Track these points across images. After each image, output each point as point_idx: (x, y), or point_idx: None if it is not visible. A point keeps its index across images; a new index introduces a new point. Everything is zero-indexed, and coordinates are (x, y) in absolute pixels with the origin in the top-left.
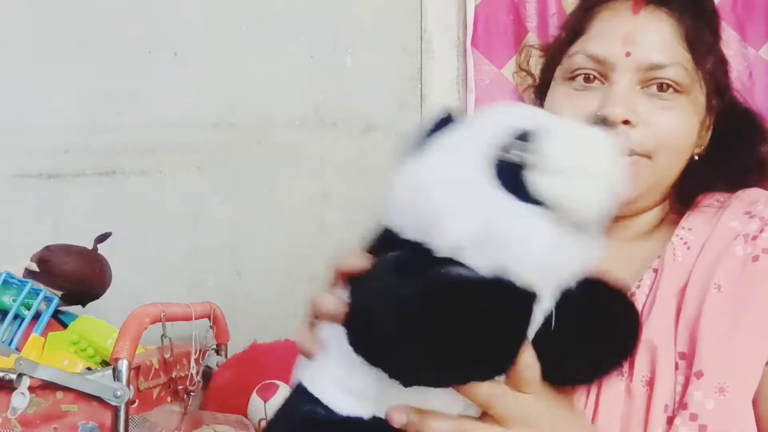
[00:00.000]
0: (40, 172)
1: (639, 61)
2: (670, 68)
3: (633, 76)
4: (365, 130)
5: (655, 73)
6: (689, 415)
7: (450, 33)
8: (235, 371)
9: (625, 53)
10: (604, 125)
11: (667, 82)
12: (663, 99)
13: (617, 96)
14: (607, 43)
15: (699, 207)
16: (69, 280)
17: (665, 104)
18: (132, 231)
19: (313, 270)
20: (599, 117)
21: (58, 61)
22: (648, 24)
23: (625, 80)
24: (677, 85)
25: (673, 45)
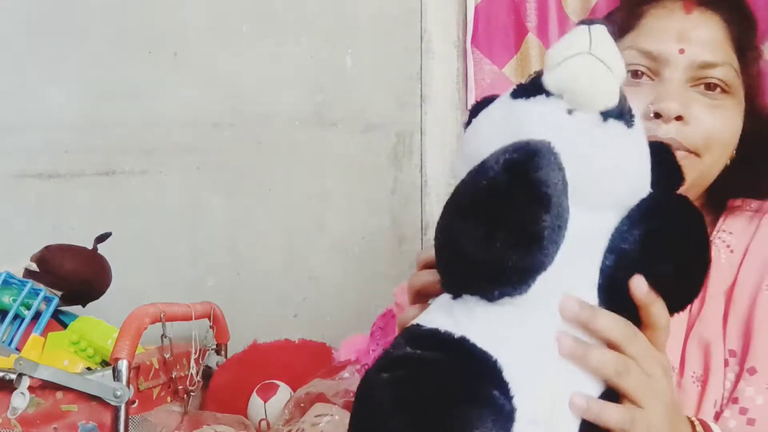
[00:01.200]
0: (40, 172)
1: (692, 59)
2: (720, 68)
3: (684, 74)
4: (365, 130)
5: (706, 72)
6: (739, 409)
7: (450, 33)
8: (235, 371)
9: (678, 50)
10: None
11: (716, 82)
12: (712, 98)
13: (671, 91)
14: (661, 40)
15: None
16: (69, 280)
17: (714, 103)
18: (132, 231)
19: (313, 270)
20: (653, 111)
21: (58, 61)
22: (701, 23)
23: (677, 76)
24: (725, 85)
25: (723, 46)
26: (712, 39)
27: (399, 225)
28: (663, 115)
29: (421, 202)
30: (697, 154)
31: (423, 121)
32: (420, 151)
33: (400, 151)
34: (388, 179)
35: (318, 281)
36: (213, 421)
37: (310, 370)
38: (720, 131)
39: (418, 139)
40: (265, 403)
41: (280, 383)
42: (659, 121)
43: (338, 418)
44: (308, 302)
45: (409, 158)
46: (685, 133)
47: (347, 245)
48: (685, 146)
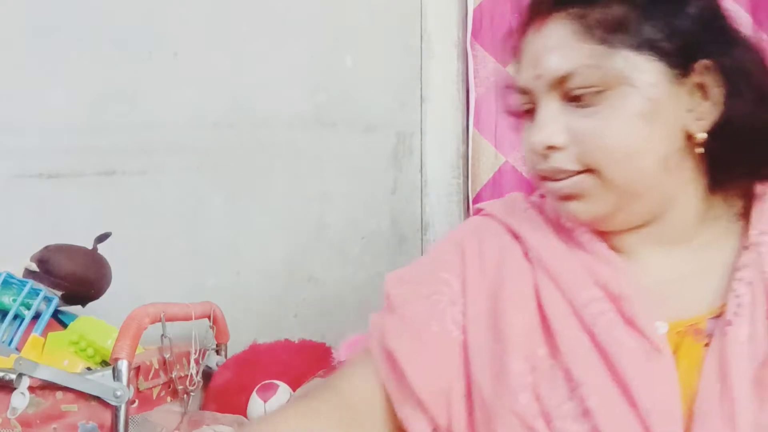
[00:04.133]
0: (40, 172)
1: (548, 80)
2: (574, 76)
3: (553, 96)
4: (365, 130)
5: (567, 86)
6: None
7: (450, 33)
8: (235, 371)
9: (535, 77)
10: (536, 156)
11: (578, 92)
12: (585, 106)
13: (537, 124)
14: (524, 72)
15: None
16: (69, 280)
17: (586, 112)
18: (132, 231)
19: (313, 270)
20: (528, 147)
21: (58, 61)
22: (549, 37)
23: (548, 104)
24: (589, 87)
25: (574, 48)
26: (559, 46)
27: (399, 225)
28: (535, 151)
29: (421, 202)
30: (592, 170)
31: (423, 121)
32: (420, 151)
33: (400, 151)
34: (388, 179)
35: (318, 281)
36: (213, 421)
37: (310, 370)
38: (601, 137)
39: (418, 139)
40: (265, 403)
41: (280, 383)
42: (538, 156)
43: None
44: (308, 302)
45: (409, 158)
46: (563, 158)
47: (347, 245)
48: (571, 170)
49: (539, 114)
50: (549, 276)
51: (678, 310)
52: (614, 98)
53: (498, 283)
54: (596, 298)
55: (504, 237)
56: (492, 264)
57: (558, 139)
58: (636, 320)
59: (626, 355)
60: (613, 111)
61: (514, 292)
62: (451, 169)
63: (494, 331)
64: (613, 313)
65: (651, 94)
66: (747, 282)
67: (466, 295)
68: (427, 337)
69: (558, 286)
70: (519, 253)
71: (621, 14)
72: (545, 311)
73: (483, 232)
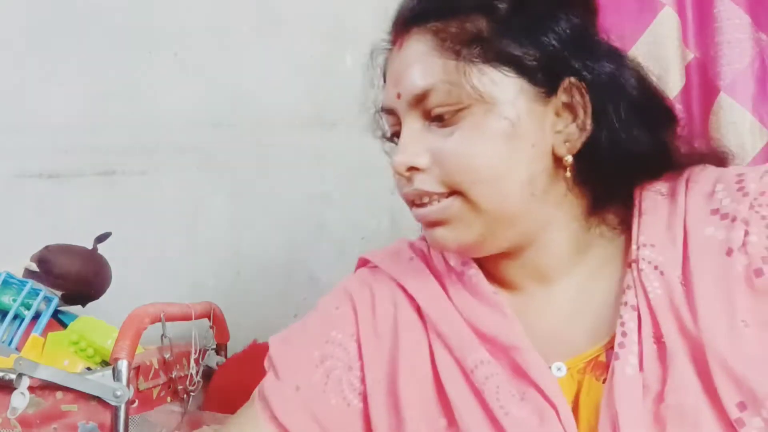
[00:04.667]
0: (40, 172)
1: (406, 98)
2: (432, 93)
3: (414, 115)
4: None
5: (425, 104)
6: None
7: None
8: (235, 371)
9: (396, 96)
10: (400, 179)
11: (438, 111)
12: (445, 127)
13: (400, 145)
14: (387, 92)
15: (644, 211)
16: (69, 280)
17: (447, 131)
18: (132, 231)
19: (313, 270)
20: (393, 169)
21: (58, 61)
22: (408, 54)
23: (410, 124)
24: (448, 106)
25: (431, 64)
26: (417, 63)
27: (399, 225)
28: (399, 173)
29: None
30: (457, 193)
31: None
32: None
33: None
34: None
35: (318, 281)
36: (213, 421)
37: None
38: (461, 157)
39: None
40: None
41: None
42: (401, 180)
43: None
44: (308, 302)
45: None
46: (426, 180)
47: (347, 245)
48: (435, 192)
49: (402, 134)
50: (439, 337)
51: (575, 346)
52: (474, 117)
53: (393, 345)
54: (483, 361)
55: (396, 294)
56: (387, 323)
57: (420, 161)
58: (530, 372)
59: (515, 427)
60: (473, 130)
61: (409, 356)
62: None
63: (393, 401)
64: (501, 374)
65: (510, 112)
66: (631, 306)
67: (363, 358)
68: (327, 414)
69: (448, 349)
70: (411, 309)
71: (477, 28)
72: (440, 377)
73: (373, 287)
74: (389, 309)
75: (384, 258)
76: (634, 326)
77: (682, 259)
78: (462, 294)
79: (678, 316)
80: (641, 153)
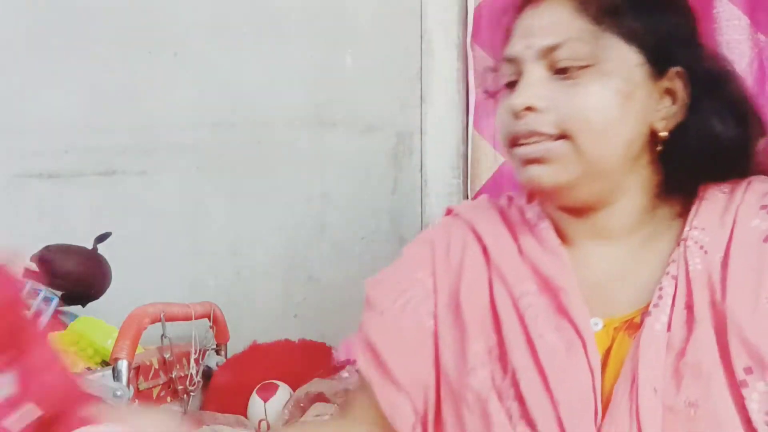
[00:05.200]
0: (40, 172)
1: (536, 49)
2: (564, 46)
3: (540, 64)
4: (365, 130)
5: (554, 56)
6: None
7: (450, 33)
8: (235, 371)
9: (525, 47)
10: (514, 119)
11: (566, 63)
12: (568, 78)
13: (521, 86)
14: (514, 43)
15: (704, 200)
16: (69, 280)
17: (570, 82)
18: (132, 231)
19: (313, 270)
20: (507, 110)
21: (58, 61)
22: (545, 12)
23: (533, 71)
24: (577, 60)
25: (568, 23)
26: (555, 21)
27: (399, 225)
28: (513, 111)
29: (421, 202)
30: (566, 136)
31: (423, 121)
32: (420, 151)
33: (400, 151)
34: (388, 179)
35: (318, 281)
36: (213, 421)
37: (310, 370)
38: (579, 109)
39: (418, 139)
40: (265, 403)
41: (280, 383)
42: (516, 119)
43: None
44: (308, 302)
45: (409, 158)
46: (540, 121)
47: (347, 245)
48: (543, 132)
49: (523, 79)
50: (498, 271)
51: (614, 308)
52: (597, 74)
53: (458, 278)
54: (529, 292)
55: (468, 236)
56: (455, 260)
57: (539, 103)
58: (570, 312)
59: (545, 348)
60: (594, 84)
61: (472, 286)
62: (451, 169)
63: (456, 319)
64: (543, 306)
65: (630, 78)
66: (672, 276)
67: (436, 290)
68: (404, 332)
69: (504, 281)
70: (478, 248)
71: (614, 1)
72: (495, 303)
73: (451, 231)
74: (460, 247)
75: (465, 207)
76: (670, 292)
77: (727, 244)
78: (530, 241)
79: (712, 291)
80: (721, 151)
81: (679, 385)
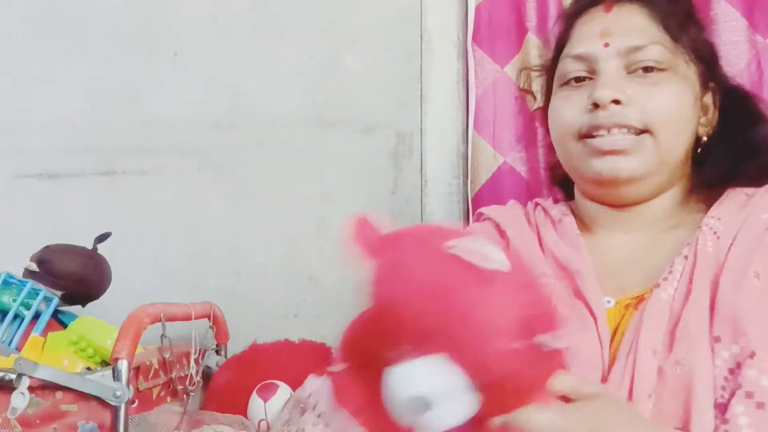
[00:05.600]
0: (40, 172)
1: (618, 48)
2: (648, 48)
3: (618, 63)
4: (365, 130)
5: (637, 56)
6: (745, 393)
7: (450, 33)
8: (235, 371)
9: (603, 45)
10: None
11: (649, 64)
12: (648, 78)
13: (604, 81)
14: (587, 42)
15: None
16: (69, 280)
17: (651, 81)
18: (132, 231)
19: (313, 270)
20: (591, 102)
21: (58, 61)
22: (621, 16)
23: (610, 67)
24: (659, 62)
25: (648, 28)
26: (634, 25)
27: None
28: (599, 102)
29: (421, 202)
30: (648, 131)
31: (423, 121)
32: (420, 151)
33: (400, 151)
34: (388, 179)
35: (318, 281)
36: (213, 421)
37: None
38: (664, 105)
39: (418, 139)
40: (265, 403)
41: (280, 383)
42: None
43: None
44: (308, 302)
45: (409, 158)
46: (626, 114)
47: None
48: (629, 125)
49: (604, 75)
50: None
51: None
52: (675, 77)
53: None
54: (545, 273)
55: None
56: None
57: (623, 96)
58: (584, 293)
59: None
60: (674, 86)
61: None
62: (451, 169)
63: None
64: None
65: (695, 85)
66: (684, 255)
67: None
68: None
69: None
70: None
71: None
72: None
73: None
74: None
75: (492, 209)
76: (680, 269)
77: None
78: (551, 234)
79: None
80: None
81: (671, 347)
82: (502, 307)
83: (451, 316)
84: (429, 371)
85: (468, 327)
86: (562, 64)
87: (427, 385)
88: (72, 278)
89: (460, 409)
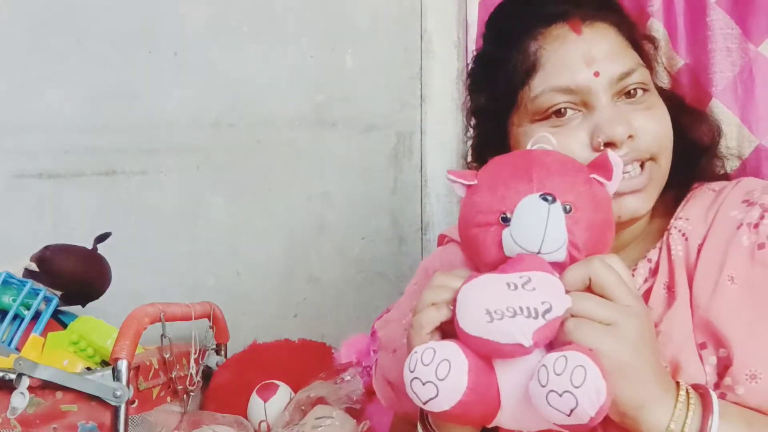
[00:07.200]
0: (40, 172)
1: (609, 77)
2: (635, 72)
3: (610, 93)
4: (365, 130)
5: (625, 82)
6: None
7: (450, 33)
8: (235, 371)
9: (593, 74)
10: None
11: (635, 87)
12: (638, 103)
13: (611, 117)
14: (573, 72)
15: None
16: (69, 280)
17: (643, 106)
18: (132, 231)
19: (313, 270)
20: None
21: (58, 61)
22: (596, 38)
23: (608, 99)
24: (646, 85)
25: (625, 49)
26: (613, 48)
27: (399, 225)
28: (615, 141)
29: (421, 202)
30: (654, 159)
31: (423, 121)
32: (420, 151)
33: (400, 151)
34: (388, 179)
35: (318, 281)
36: (212, 421)
37: (311, 370)
38: (661, 129)
39: (418, 139)
40: (265, 404)
41: (280, 383)
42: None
43: (339, 423)
44: (308, 302)
45: (409, 158)
46: (637, 147)
47: (347, 245)
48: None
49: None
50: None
51: None
52: (655, 97)
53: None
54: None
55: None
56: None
57: (632, 130)
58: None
59: None
60: (659, 106)
61: None
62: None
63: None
64: None
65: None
66: (648, 259)
67: None
68: None
69: None
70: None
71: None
72: None
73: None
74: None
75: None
76: (644, 273)
77: (706, 232)
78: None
79: (689, 274)
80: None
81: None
82: (568, 159)
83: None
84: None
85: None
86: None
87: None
88: (72, 278)
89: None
